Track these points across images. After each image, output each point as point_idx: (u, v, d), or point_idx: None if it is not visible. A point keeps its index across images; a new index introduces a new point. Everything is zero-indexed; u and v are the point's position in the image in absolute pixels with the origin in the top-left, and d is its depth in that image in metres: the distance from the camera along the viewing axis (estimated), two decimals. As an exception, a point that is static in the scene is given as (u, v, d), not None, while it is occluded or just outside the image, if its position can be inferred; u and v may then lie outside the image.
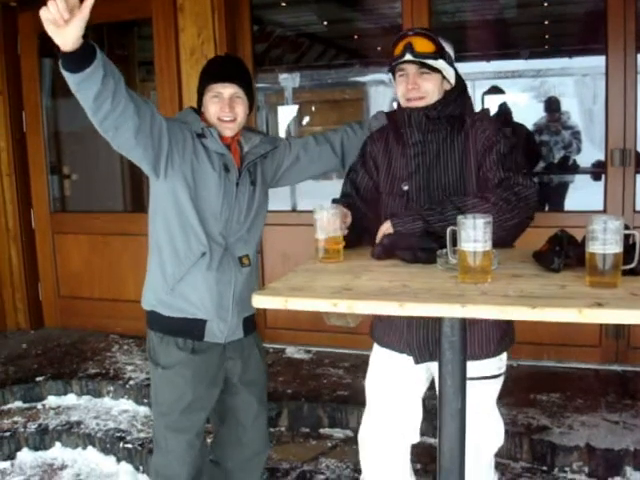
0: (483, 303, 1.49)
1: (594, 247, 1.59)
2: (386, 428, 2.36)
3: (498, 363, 2.29)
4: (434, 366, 2.25)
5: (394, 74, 2.29)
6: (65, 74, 1.92)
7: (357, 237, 2.21)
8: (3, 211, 5.17)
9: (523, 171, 2.14)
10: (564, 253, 1.75)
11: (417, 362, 2.27)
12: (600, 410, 3.42)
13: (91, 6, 1.76)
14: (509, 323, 2.32)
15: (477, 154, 2.20)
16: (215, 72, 2.40)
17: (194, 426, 2.47)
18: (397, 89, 2.28)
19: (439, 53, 2.20)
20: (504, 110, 6.19)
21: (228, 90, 2.36)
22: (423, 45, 2.18)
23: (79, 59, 1.88)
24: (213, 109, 2.37)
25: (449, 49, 2.27)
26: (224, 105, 2.35)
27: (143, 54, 6.34)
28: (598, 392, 3.64)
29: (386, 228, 2.08)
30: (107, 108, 2.01)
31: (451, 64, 2.27)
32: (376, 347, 2.42)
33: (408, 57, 2.17)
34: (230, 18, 4.44)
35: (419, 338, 2.23)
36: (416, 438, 2.41)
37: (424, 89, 2.21)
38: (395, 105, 2.40)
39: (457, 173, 2.21)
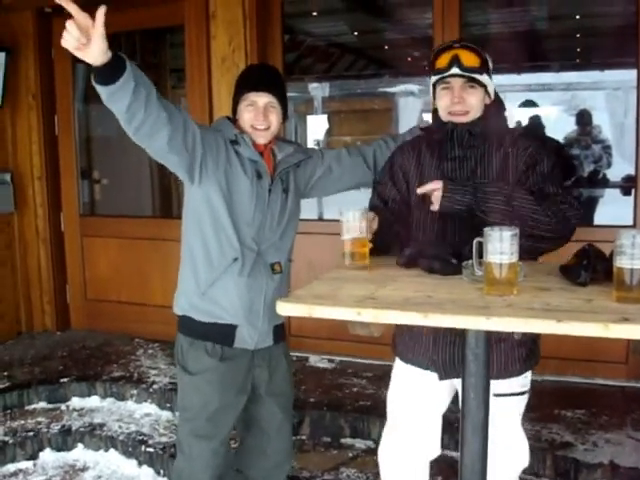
0: (508, 315, 1.48)
1: (622, 262, 1.57)
2: (408, 446, 2.34)
3: (522, 381, 2.26)
4: (458, 381, 2.24)
5: (434, 85, 2.25)
6: (97, 87, 1.96)
7: (385, 246, 2.19)
8: (33, 214, 5.25)
9: (572, 192, 2.12)
10: (591, 267, 1.73)
11: (442, 379, 2.25)
12: (625, 428, 3.37)
13: (103, 21, 1.79)
14: (535, 342, 2.29)
15: (517, 172, 2.17)
16: (250, 81, 2.43)
17: (219, 433, 2.48)
18: (439, 101, 2.24)
19: (484, 67, 2.18)
20: (536, 124, 6.14)
21: (263, 99, 2.38)
22: (470, 59, 2.15)
23: (109, 72, 1.92)
24: (247, 117, 2.40)
25: (490, 64, 2.24)
26: (258, 113, 2.38)
27: (174, 61, 6.41)
28: (623, 409, 3.58)
29: (437, 187, 2.05)
30: (140, 118, 2.05)
31: (491, 78, 2.25)
32: (398, 362, 2.39)
33: (455, 70, 2.15)
34: (261, 27, 4.47)
35: (445, 355, 2.21)
36: (436, 453, 2.40)
37: (469, 103, 2.18)
38: (425, 117, 2.39)
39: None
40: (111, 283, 5.27)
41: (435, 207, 2.06)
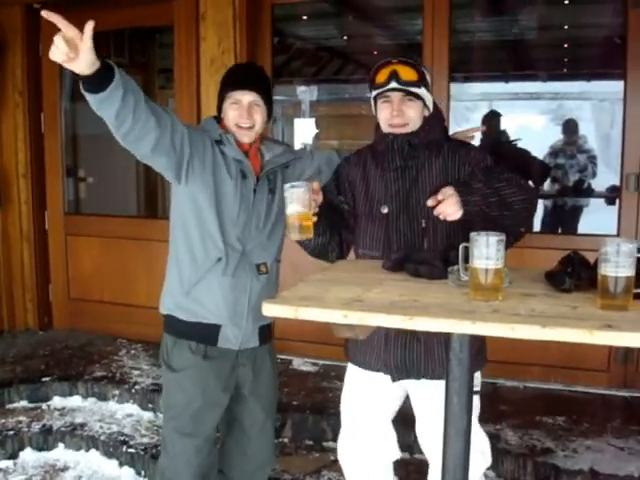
0: (493, 321, 1.49)
1: (606, 269, 1.58)
2: (364, 448, 2.39)
3: (474, 382, 2.28)
4: (410, 384, 2.33)
5: (375, 99, 2.34)
6: (86, 95, 1.98)
7: (329, 229, 2.31)
8: (17, 212, 5.20)
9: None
10: (576, 274, 1.75)
11: (394, 380, 2.31)
12: (606, 435, 3.39)
13: (91, 35, 1.82)
14: (482, 341, 2.33)
15: (464, 173, 2.26)
16: (235, 79, 2.44)
17: (202, 431, 2.48)
18: (379, 114, 2.34)
19: (422, 81, 2.28)
20: (499, 136, 6.09)
21: (247, 97, 2.39)
22: (408, 73, 2.25)
23: (98, 81, 1.94)
24: (232, 115, 2.40)
25: (428, 77, 2.35)
26: (243, 112, 2.38)
27: (163, 62, 6.40)
28: (604, 417, 3.61)
29: (451, 192, 2.02)
30: (129, 124, 2.07)
31: (429, 91, 2.34)
32: (351, 366, 2.45)
33: (394, 85, 2.24)
34: (251, 29, 4.47)
35: (397, 357, 2.27)
36: (397, 454, 2.45)
37: (408, 116, 2.28)
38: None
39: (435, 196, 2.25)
40: (95, 282, 5.23)
41: (457, 215, 2.03)
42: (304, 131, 8.03)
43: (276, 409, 2.72)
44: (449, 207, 2.00)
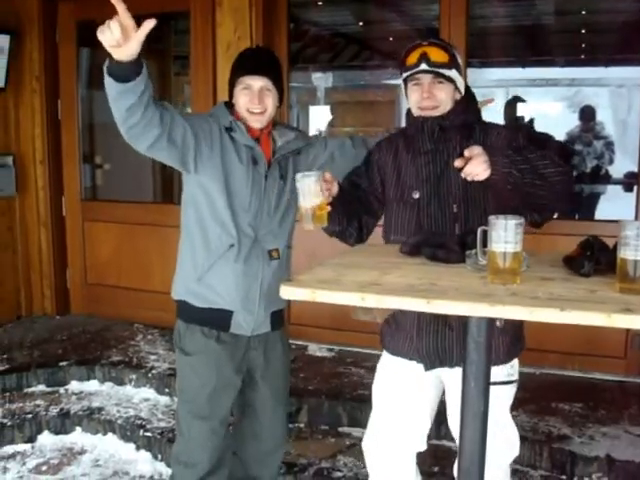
0: (512, 304, 1.48)
1: (626, 253, 1.57)
2: (393, 438, 2.34)
3: (509, 369, 2.27)
4: (444, 372, 2.28)
5: (405, 82, 2.31)
6: (108, 81, 1.99)
7: (346, 219, 2.27)
8: (35, 198, 5.24)
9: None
10: (595, 258, 1.74)
11: (427, 369, 2.26)
12: (622, 422, 3.38)
13: (147, 32, 1.86)
14: (520, 328, 2.31)
15: None
16: (245, 65, 2.43)
17: (217, 413, 2.49)
18: (410, 97, 2.30)
19: (453, 64, 2.24)
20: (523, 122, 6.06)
21: (257, 83, 2.37)
22: (438, 55, 2.21)
23: (127, 71, 1.96)
24: (242, 101, 2.39)
25: (459, 59, 2.30)
26: (253, 97, 2.37)
27: (178, 48, 6.39)
28: (621, 404, 3.60)
29: (477, 151, 1.92)
30: (136, 119, 2.09)
31: (461, 73, 2.30)
32: (385, 354, 2.42)
33: (424, 67, 2.20)
34: (267, 15, 4.46)
35: (429, 345, 2.23)
36: (423, 446, 2.39)
37: (438, 98, 2.24)
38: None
39: (466, 180, 2.20)
40: (111, 268, 5.27)
41: (485, 174, 1.91)
42: (319, 118, 8.02)
43: (288, 394, 2.73)
44: (477, 166, 1.90)
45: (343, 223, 2.27)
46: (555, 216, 2.24)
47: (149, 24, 1.84)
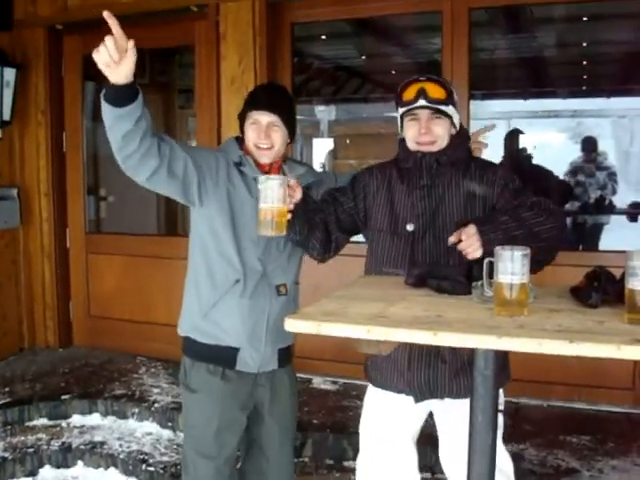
0: (519, 336, 1.47)
1: (634, 283, 1.56)
2: (384, 471, 2.34)
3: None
4: (433, 404, 2.30)
5: (401, 117, 2.33)
6: (105, 106, 2.01)
7: (308, 228, 2.26)
8: (39, 229, 5.24)
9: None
10: (602, 289, 1.73)
11: (417, 401, 2.27)
12: (631, 455, 3.34)
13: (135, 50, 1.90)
14: (505, 358, 2.29)
15: (488, 195, 2.24)
16: (255, 100, 2.44)
17: (223, 452, 2.44)
18: (406, 132, 2.32)
19: (450, 99, 2.27)
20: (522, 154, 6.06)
21: (265, 118, 2.38)
22: (436, 91, 2.24)
23: (123, 95, 1.98)
24: (251, 136, 2.40)
25: (456, 96, 2.33)
26: (260, 132, 2.38)
27: (183, 82, 6.46)
28: (630, 436, 3.55)
29: (472, 232, 2.00)
30: (133, 147, 2.08)
31: (457, 110, 2.33)
32: (371, 388, 2.41)
33: (422, 102, 2.23)
34: (271, 48, 4.50)
35: (420, 378, 2.23)
36: (416, 477, 2.39)
37: (436, 134, 2.27)
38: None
39: (462, 215, 2.24)
40: (115, 300, 5.24)
41: (476, 254, 2.00)
42: (323, 150, 8.06)
43: (295, 429, 2.69)
44: (469, 246, 1.99)
45: (303, 233, 2.27)
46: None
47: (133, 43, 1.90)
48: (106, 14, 1.86)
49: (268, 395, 2.51)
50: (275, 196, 2.05)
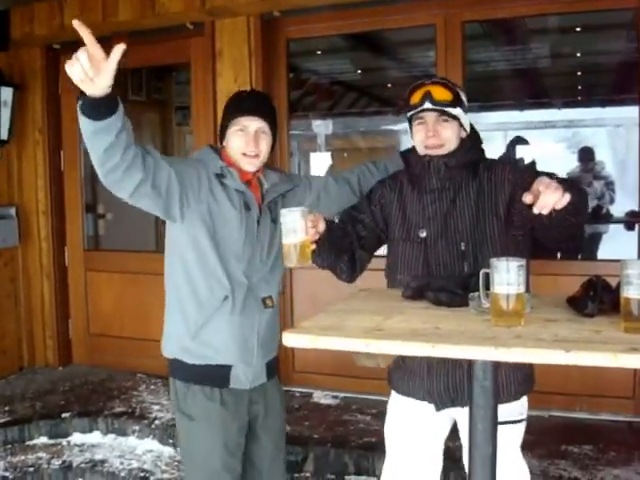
0: (517, 346, 1.47)
1: (629, 292, 1.56)
2: (407, 478, 2.32)
3: (520, 408, 2.27)
4: (455, 412, 2.27)
5: (410, 122, 2.33)
6: (83, 120, 1.88)
7: (334, 255, 2.25)
8: (37, 248, 5.25)
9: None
10: (598, 298, 1.73)
11: (438, 409, 2.25)
12: (633, 464, 3.32)
13: (118, 58, 1.74)
14: (531, 366, 2.29)
15: (500, 193, 2.21)
16: (242, 105, 2.35)
17: (233, 475, 2.38)
18: (415, 136, 2.32)
19: (457, 102, 2.26)
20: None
21: (254, 124, 2.31)
22: (442, 94, 2.23)
23: (101, 109, 1.85)
24: (237, 143, 2.32)
25: (464, 98, 2.31)
26: (249, 139, 2.30)
27: (179, 99, 6.49)
28: (631, 445, 3.54)
29: (547, 182, 1.74)
30: (114, 162, 1.98)
31: (466, 112, 2.32)
32: (394, 395, 2.40)
33: (428, 105, 2.22)
34: (267, 64, 4.52)
35: (439, 385, 2.22)
36: None
37: (443, 136, 2.25)
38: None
39: (473, 218, 2.23)
40: (114, 318, 5.24)
41: (565, 200, 1.71)
42: (320, 165, 8.07)
43: (285, 442, 2.64)
44: (554, 193, 1.70)
45: (331, 258, 2.26)
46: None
47: (119, 49, 1.73)
48: (76, 23, 1.70)
49: (262, 411, 2.48)
50: (298, 227, 2.01)
